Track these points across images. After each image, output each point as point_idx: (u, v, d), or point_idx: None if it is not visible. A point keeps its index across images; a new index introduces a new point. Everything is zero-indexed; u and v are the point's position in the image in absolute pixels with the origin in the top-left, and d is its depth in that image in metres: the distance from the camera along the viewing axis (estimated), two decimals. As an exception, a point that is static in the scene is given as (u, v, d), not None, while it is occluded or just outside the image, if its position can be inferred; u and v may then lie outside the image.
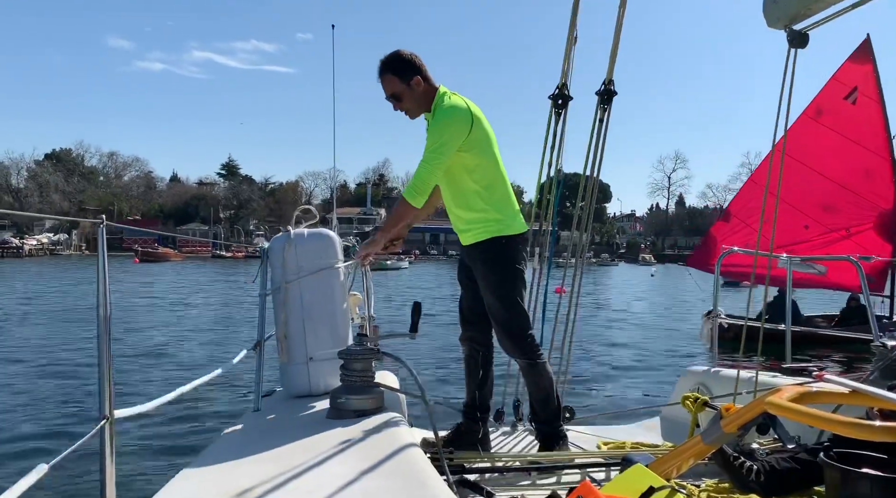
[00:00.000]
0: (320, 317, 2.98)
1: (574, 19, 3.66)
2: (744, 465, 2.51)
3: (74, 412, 7.97)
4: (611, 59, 3.64)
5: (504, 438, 3.62)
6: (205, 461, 2.06)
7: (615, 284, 39.65)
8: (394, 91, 2.90)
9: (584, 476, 2.85)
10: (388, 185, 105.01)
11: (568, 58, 3.74)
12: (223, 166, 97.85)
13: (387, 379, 3.01)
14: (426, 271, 46.39)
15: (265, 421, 2.62)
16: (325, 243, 3.05)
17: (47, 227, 73.43)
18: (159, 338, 14.54)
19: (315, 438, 2.26)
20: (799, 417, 1.83)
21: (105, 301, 1.59)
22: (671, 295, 31.77)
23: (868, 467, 2.02)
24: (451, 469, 2.54)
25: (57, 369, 10.78)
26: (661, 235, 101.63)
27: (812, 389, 2.04)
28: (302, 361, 2.96)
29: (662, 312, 23.31)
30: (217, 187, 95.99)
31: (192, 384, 2.27)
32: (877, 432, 1.63)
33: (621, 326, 18.15)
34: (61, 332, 15.13)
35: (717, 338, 4.46)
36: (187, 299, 24.90)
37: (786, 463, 2.50)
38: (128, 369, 10.54)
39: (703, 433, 2.30)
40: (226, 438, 2.40)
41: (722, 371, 3.95)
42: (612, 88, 3.65)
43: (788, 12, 2.72)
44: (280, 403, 2.94)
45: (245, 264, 52.82)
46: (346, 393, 2.50)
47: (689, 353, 13.02)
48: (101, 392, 1.59)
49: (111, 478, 1.59)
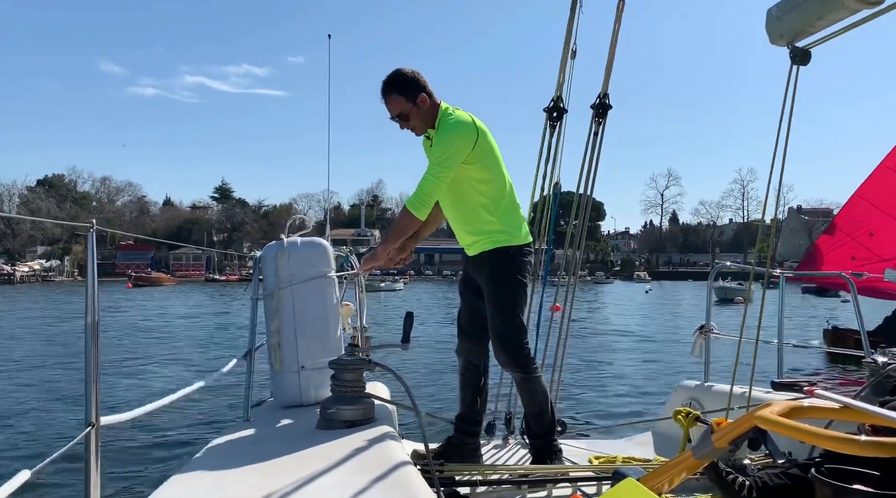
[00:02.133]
0: (312, 326, 2.96)
1: (570, 33, 3.68)
2: (736, 480, 2.50)
3: (61, 421, 7.90)
4: (606, 73, 3.67)
5: (496, 451, 3.60)
6: (192, 470, 2.03)
7: (610, 300, 39.63)
8: (401, 111, 2.88)
9: (575, 490, 2.83)
10: (381, 206, 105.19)
11: (563, 70, 3.77)
12: (216, 190, 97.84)
13: (378, 390, 2.99)
14: (422, 292, 46.16)
15: (254, 431, 2.60)
16: (318, 252, 3.04)
17: (39, 254, 72.95)
18: (149, 350, 14.47)
19: (304, 448, 2.24)
20: (787, 431, 1.83)
21: (93, 308, 1.58)
22: (667, 310, 31.95)
23: (859, 484, 2.02)
24: (442, 481, 2.52)
25: (46, 381, 10.69)
26: (656, 252, 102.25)
27: (803, 404, 2.04)
28: (293, 370, 2.94)
29: (658, 328, 23.32)
30: (210, 211, 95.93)
31: (180, 393, 2.24)
32: (863, 447, 1.63)
33: (616, 341, 18.15)
34: (52, 349, 15.04)
35: (709, 350, 4.46)
36: (180, 316, 24.81)
37: (777, 479, 2.49)
38: (116, 379, 10.47)
39: (694, 448, 2.29)
40: (214, 447, 2.37)
41: (714, 386, 3.94)
42: (607, 102, 3.68)
43: (791, 29, 2.73)
44: (270, 412, 2.91)
45: (239, 287, 52.61)
46: (336, 403, 2.48)
47: (681, 368, 13.04)
48: (87, 399, 1.57)
49: (96, 486, 1.57)
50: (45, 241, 76.17)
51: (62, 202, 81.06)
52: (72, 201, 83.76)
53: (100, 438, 1.58)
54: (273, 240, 3.12)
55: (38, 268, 66.51)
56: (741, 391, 3.40)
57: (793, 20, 2.68)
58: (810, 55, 2.80)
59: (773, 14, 2.79)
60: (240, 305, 30.13)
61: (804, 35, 2.74)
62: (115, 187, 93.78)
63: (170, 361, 13.66)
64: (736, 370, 3.33)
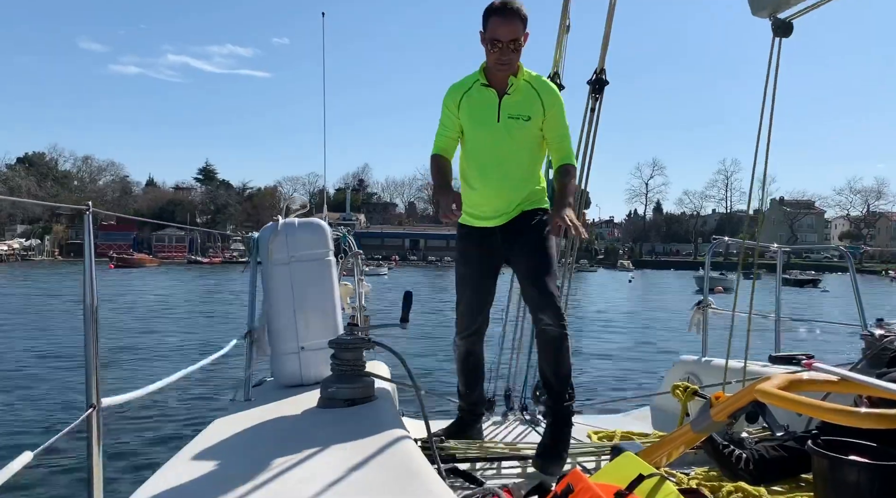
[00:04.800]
0: (312, 307, 2.97)
1: (566, 7, 3.64)
2: (733, 453, 2.53)
3: (63, 402, 7.94)
4: (602, 49, 3.63)
5: (495, 427, 3.63)
6: (195, 450, 2.04)
7: (595, 290, 39.78)
8: (517, 38, 2.73)
9: (574, 465, 2.85)
10: (367, 190, 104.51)
11: (560, 46, 3.73)
12: (200, 171, 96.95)
13: (378, 368, 3.00)
14: (407, 278, 46.00)
15: (255, 410, 2.61)
16: (316, 232, 3.04)
17: (18, 233, 72.06)
18: (148, 332, 14.49)
19: (305, 426, 2.25)
20: (788, 404, 1.84)
21: (91, 289, 1.57)
22: (651, 299, 32.49)
23: (855, 455, 2.04)
24: (442, 458, 2.54)
25: (47, 361, 10.72)
26: (639, 242, 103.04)
27: (803, 377, 2.05)
28: (293, 350, 2.95)
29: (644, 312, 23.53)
30: (194, 192, 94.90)
31: (181, 373, 2.25)
32: (864, 419, 1.65)
33: (610, 320, 18.26)
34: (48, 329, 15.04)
35: (707, 326, 4.48)
36: (172, 298, 24.75)
37: (774, 451, 2.52)
38: (117, 361, 10.50)
39: (693, 422, 2.31)
40: (216, 427, 2.38)
41: (712, 361, 3.97)
42: (603, 77, 3.64)
43: (773, 1, 2.73)
44: (271, 392, 2.92)
45: (223, 270, 52.40)
46: (336, 382, 2.49)
47: (678, 345, 13.13)
48: (87, 380, 1.57)
49: (98, 466, 1.57)
50: (25, 220, 75.20)
51: (43, 181, 79.59)
52: (53, 180, 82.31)
53: (101, 419, 1.58)
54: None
55: (17, 247, 65.63)
56: (739, 365, 3.42)
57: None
58: (792, 27, 2.80)
59: None
60: (230, 285, 30.00)
61: (786, 6, 2.74)
62: (98, 167, 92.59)
63: (166, 342, 13.69)
64: (730, 345, 3.34)
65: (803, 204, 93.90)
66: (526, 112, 2.79)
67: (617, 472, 1.85)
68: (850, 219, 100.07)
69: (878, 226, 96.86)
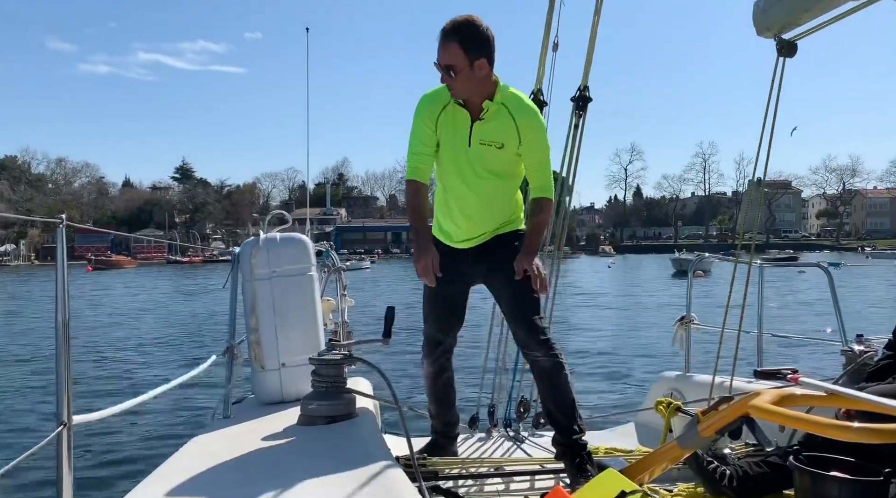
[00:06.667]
0: (293, 322, 2.94)
1: (549, 25, 3.67)
2: (717, 469, 2.52)
3: (33, 417, 7.75)
4: (586, 66, 3.66)
5: (479, 443, 3.60)
6: (171, 468, 2.00)
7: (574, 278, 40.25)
8: (452, 64, 2.47)
9: (557, 481, 2.83)
10: (347, 184, 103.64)
11: (543, 63, 3.75)
12: (177, 170, 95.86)
13: (359, 385, 2.97)
14: (390, 272, 45.70)
15: (235, 428, 2.57)
16: (297, 248, 3.01)
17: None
18: (123, 345, 14.23)
19: (284, 444, 2.22)
20: (782, 419, 1.84)
21: (64, 304, 1.54)
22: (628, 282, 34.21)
23: (836, 470, 2.04)
24: (424, 476, 2.51)
25: (15, 371, 10.48)
26: (620, 227, 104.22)
27: (795, 393, 2.06)
28: (274, 367, 2.91)
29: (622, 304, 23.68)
30: (171, 191, 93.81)
31: (157, 390, 2.21)
32: (857, 434, 1.67)
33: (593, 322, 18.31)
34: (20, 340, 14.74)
35: (690, 342, 4.49)
36: (150, 305, 24.41)
37: (758, 467, 2.51)
38: (90, 376, 10.29)
39: (680, 438, 2.31)
40: (194, 445, 2.34)
41: (695, 376, 3.97)
42: (587, 94, 3.67)
43: (778, 22, 2.74)
44: (250, 409, 2.88)
45: (204, 269, 51.80)
46: (316, 399, 2.46)
47: (662, 359, 13.17)
48: (58, 397, 1.53)
49: (69, 486, 1.53)
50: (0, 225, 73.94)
51: (16, 185, 78.04)
52: (26, 184, 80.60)
53: (72, 437, 1.54)
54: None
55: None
56: (722, 381, 3.43)
57: (779, 12, 2.70)
58: (796, 47, 2.81)
59: (759, 6, 2.80)
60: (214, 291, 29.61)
61: (791, 27, 2.74)
62: (72, 168, 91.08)
63: (143, 352, 13.42)
64: (717, 362, 3.35)
65: (780, 184, 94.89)
66: (499, 139, 2.60)
67: (599, 488, 1.84)
68: (826, 197, 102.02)
69: (853, 203, 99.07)
